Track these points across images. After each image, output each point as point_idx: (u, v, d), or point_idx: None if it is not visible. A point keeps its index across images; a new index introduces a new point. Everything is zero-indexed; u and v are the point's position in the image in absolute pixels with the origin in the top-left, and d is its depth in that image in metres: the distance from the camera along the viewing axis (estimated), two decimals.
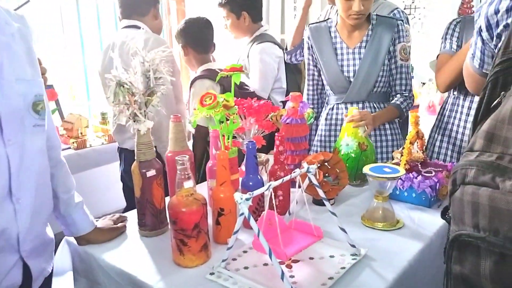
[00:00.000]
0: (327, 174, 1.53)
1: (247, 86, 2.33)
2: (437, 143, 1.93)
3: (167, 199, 1.34)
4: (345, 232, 1.14)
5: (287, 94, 2.64)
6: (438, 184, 1.40)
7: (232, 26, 2.51)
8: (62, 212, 1.18)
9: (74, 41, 3.15)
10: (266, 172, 1.53)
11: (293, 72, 2.65)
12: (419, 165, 1.51)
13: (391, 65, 1.85)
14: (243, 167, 1.78)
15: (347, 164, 1.57)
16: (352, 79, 1.84)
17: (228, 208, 1.20)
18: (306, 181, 1.20)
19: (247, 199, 0.93)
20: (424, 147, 1.55)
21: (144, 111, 1.21)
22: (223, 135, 1.60)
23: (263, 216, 1.05)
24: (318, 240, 1.11)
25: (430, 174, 1.45)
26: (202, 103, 1.46)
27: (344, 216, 1.37)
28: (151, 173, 1.23)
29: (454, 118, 1.86)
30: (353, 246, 1.14)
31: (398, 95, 1.85)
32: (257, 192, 0.97)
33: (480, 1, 4.19)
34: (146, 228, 1.28)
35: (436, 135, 1.95)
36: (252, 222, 0.94)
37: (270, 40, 2.50)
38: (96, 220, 1.29)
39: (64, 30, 3.13)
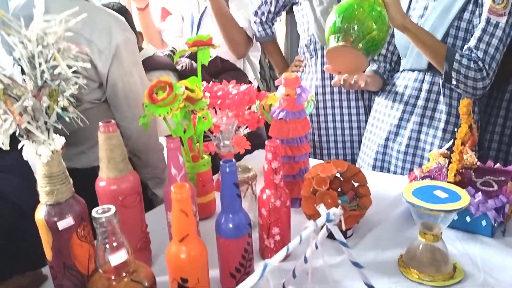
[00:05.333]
0: (339, 189, 1.07)
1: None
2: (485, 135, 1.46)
3: None
4: None
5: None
6: (507, 204, 0.96)
7: None
8: None
9: None
10: (253, 193, 1.06)
11: None
12: (472, 174, 1.06)
13: (474, 19, 1.23)
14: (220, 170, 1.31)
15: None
16: None
17: (194, 277, 0.73)
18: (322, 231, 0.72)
19: None
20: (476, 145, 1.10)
21: (46, 123, 0.71)
22: (189, 139, 1.12)
23: None
24: None
25: (491, 188, 1.00)
26: (151, 98, 0.97)
27: (371, 260, 0.93)
28: (65, 223, 0.75)
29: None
30: None
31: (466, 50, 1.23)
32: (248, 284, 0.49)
33: None
34: None
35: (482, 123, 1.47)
36: None
37: None
38: None
39: None
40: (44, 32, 0.61)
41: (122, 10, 1.67)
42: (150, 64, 1.62)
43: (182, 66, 1.61)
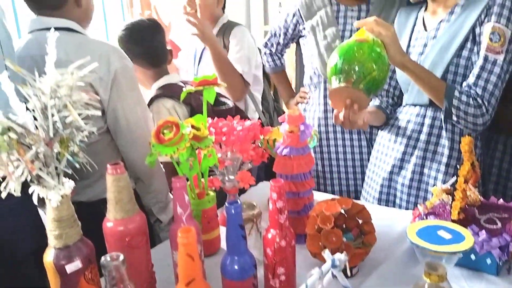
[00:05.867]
0: (344, 226, 1.08)
1: (225, 98, 1.82)
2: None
3: None
4: None
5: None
6: (511, 242, 0.96)
7: (204, 5, 1.97)
8: None
9: None
10: (258, 230, 1.07)
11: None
12: (476, 210, 1.07)
13: (472, 56, 1.24)
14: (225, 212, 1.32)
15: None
16: None
17: None
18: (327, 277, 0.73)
19: None
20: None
21: (56, 168, 0.73)
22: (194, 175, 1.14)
23: None
24: None
25: (494, 226, 1.00)
26: (158, 138, 0.99)
27: None
28: (73, 266, 0.76)
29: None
30: None
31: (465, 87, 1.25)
32: None
33: None
34: None
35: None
36: None
37: (241, 25, 2.08)
38: None
39: None
40: (57, 85, 0.64)
41: (155, 24, 1.70)
42: (168, 91, 1.63)
43: (198, 104, 1.63)
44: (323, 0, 1.72)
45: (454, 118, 1.24)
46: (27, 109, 0.70)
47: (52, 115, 0.64)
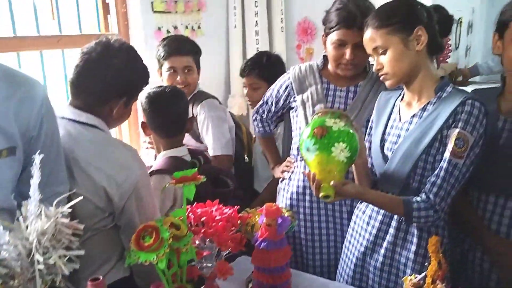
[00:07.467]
0: None
1: (225, 176, 1.84)
2: None
3: None
4: None
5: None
6: None
7: (193, 79, 2.18)
8: None
9: None
10: None
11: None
12: None
13: (438, 155, 1.31)
14: None
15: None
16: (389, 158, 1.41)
17: None
18: None
19: None
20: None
21: None
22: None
23: None
24: None
25: None
26: (138, 244, 1.01)
27: None
28: None
29: None
30: None
31: (423, 194, 1.31)
32: None
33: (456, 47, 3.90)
34: None
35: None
36: None
37: (212, 97, 2.25)
38: None
39: None
40: (42, 233, 0.66)
41: (176, 94, 1.76)
42: (170, 167, 1.64)
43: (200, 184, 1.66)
44: (315, 77, 1.82)
45: (413, 224, 1.35)
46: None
47: (38, 262, 0.66)
